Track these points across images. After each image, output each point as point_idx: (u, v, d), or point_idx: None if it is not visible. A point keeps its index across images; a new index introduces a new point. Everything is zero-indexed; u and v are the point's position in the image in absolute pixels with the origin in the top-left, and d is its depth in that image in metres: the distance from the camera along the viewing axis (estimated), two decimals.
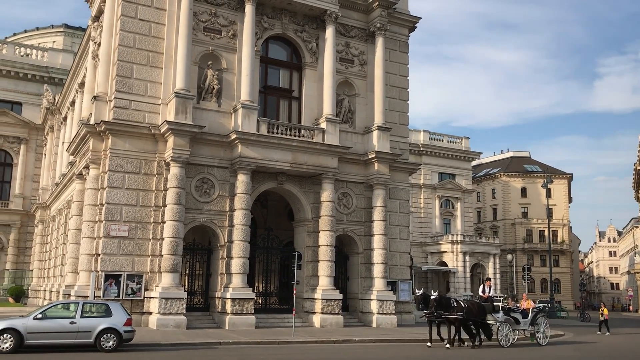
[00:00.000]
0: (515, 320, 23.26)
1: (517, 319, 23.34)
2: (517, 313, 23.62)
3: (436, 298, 21.19)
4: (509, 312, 23.29)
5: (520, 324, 23.52)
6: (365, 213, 30.89)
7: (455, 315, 21.14)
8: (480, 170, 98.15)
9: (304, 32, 30.77)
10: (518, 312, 23.73)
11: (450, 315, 21.15)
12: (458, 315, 21.16)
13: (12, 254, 49.89)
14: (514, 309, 23.84)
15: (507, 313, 23.16)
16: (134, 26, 26.97)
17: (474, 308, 22.02)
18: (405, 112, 33.88)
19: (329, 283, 28.37)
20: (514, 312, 23.60)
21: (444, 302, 21.41)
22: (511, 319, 23.13)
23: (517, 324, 23.41)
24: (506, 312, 23.10)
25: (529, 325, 23.80)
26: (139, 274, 25.28)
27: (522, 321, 23.51)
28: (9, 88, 51.63)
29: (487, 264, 68.67)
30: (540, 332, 23.83)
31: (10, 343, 16.61)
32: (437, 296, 21.37)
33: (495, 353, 20.50)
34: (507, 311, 23.25)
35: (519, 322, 23.41)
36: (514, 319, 23.22)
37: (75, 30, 64.97)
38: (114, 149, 25.73)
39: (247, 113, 27.28)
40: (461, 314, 21.21)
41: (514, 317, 23.30)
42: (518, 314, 23.60)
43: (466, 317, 21.44)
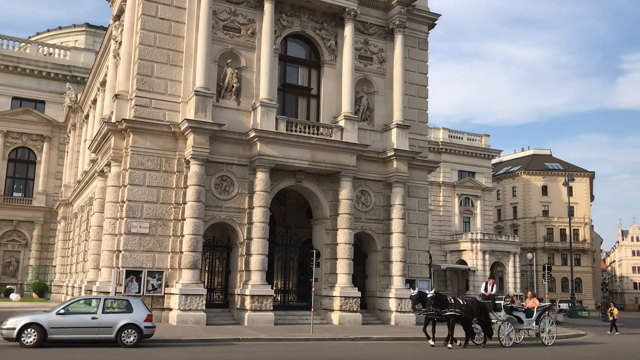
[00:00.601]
0: (518, 320, 22.68)
1: (520, 318, 22.75)
2: (520, 312, 23.01)
3: (433, 296, 20.78)
4: (511, 310, 22.69)
5: (524, 323, 22.92)
6: (384, 211, 30.84)
7: (453, 312, 20.66)
8: (501, 168, 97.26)
9: (322, 30, 30.78)
10: (521, 311, 23.11)
11: (448, 313, 20.65)
12: (456, 313, 20.68)
13: (36, 250, 50.72)
14: (517, 308, 23.21)
15: (510, 312, 22.58)
16: (154, 25, 27.24)
17: (474, 306, 21.49)
18: (424, 109, 33.72)
19: (347, 281, 28.40)
20: (517, 310, 22.99)
21: (441, 300, 20.97)
22: (514, 318, 22.55)
23: (520, 323, 22.82)
24: (508, 311, 22.53)
25: (533, 324, 23.20)
26: (159, 271, 25.56)
27: (525, 320, 22.91)
28: (32, 87, 52.44)
29: (507, 262, 68.11)
30: (545, 332, 23.24)
31: (34, 337, 16.92)
32: (434, 294, 20.98)
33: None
34: (510, 310, 22.66)
35: (522, 321, 22.82)
36: (516, 318, 22.66)
37: (96, 30, 65.73)
38: (134, 147, 26.03)
39: (265, 111, 27.39)
40: (459, 312, 20.75)
41: (517, 316, 22.72)
42: (521, 313, 22.98)
43: (464, 315, 20.96)
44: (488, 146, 74.30)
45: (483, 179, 73.19)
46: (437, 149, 68.75)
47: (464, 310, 20.91)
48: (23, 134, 51.72)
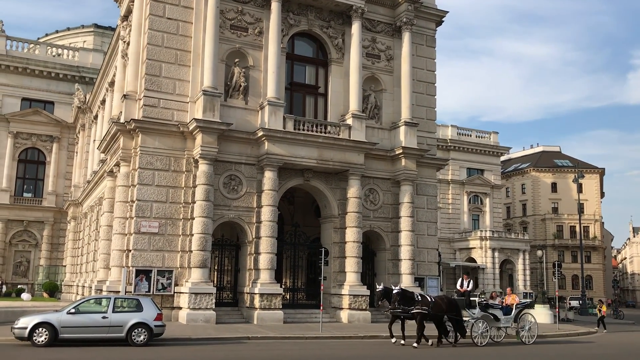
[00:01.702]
0: (494, 317, 21.64)
1: (496, 316, 21.68)
2: (496, 309, 21.91)
3: (399, 292, 20.04)
4: (486, 308, 21.65)
5: (501, 321, 21.77)
6: (392, 209, 30.80)
7: (420, 309, 19.79)
8: (509, 165, 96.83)
9: (329, 28, 30.76)
10: (498, 308, 21.98)
11: (415, 310, 19.81)
12: (422, 310, 19.79)
13: (46, 250, 51.05)
14: (493, 305, 22.07)
15: (485, 309, 21.55)
16: (162, 25, 27.32)
17: (443, 303, 20.54)
18: (432, 107, 33.62)
19: (356, 279, 28.39)
20: (493, 308, 21.91)
21: (407, 297, 20.17)
22: (489, 315, 21.53)
23: (497, 321, 21.71)
24: (484, 308, 21.51)
25: (512, 322, 22.09)
26: (169, 270, 25.66)
27: (502, 318, 21.77)
28: (42, 88, 52.76)
29: (517, 260, 67.83)
30: (525, 330, 22.09)
31: (45, 337, 17.05)
32: (400, 290, 20.25)
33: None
34: (485, 307, 21.63)
35: (499, 319, 21.71)
36: (492, 316, 21.61)
37: (105, 30, 66.06)
38: (143, 147, 26.13)
39: (273, 110, 27.42)
40: (426, 309, 19.85)
41: (493, 314, 21.66)
42: (498, 310, 21.89)
43: (432, 313, 20.03)
44: (497, 143, 73.95)
45: (492, 176, 72.87)
46: (445, 146, 68.51)
47: (432, 308, 19.99)
48: (33, 134, 52.06)
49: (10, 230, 50.30)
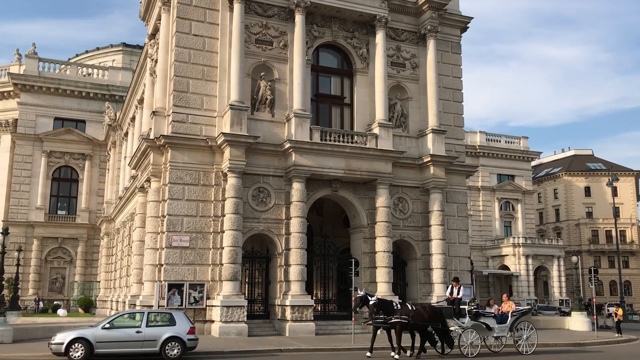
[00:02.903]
0: (487, 327, 20.37)
1: (488, 325, 20.38)
2: (489, 318, 20.61)
3: (375, 302, 19.04)
4: (477, 316, 20.39)
5: (495, 330, 20.49)
6: (422, 218, 30.53)
7: (399, 319, 18.76)
8: (541, 170, 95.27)
9: (354, 38, 30.82)
10: (490, 317, 20.68)
11: (394, 320, 18.78)
12: (402, 319, 18.74)
13: (80, 266, 51.95)
14: (485, 313, 20.78)
15: (476, 318, 20.31)
16: (188, 42, 27.72)
17: (425, 312, 19.36)
18: (460, 113, 33.34)
19: (387, 289, 28.14)
20: (485, 316, 20.62)
21: (385, 306, 19.19)
22: (481, 324, 20.29)
23: (489, 331, 20.47)
24: (474, 317, 20.28)
25: (507, 331, 20.74)
26: (200, 283, 25.83)
27: (496, 327, 20.47)
28: (73, 107, 53.98)
29: (551, 266, 66.55)
30: (522, 340, 20.63)
31: (81, 352, 17.29)
32: (377, 300, 19.29)
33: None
34: (476, 316, 20.36)
35: (491, 328, 20.42)
36: (485, 325, 20.34)
37: (133, 49, 67.37)
38: (173, 162, 26.46)
39: (299, 122, 27.52)
40: (406, 318, 18.76)
41: (485, 323, 20.37)
42: (490, 319, 20.57)
43: (413, 322, 18.93)
44: (527, 148, 72.98)
45: (523, 182, 71.84)
46: (474, 153, 67.85)
47: (413, 317, 18.92)
48: (65, 153, 53.23)
49: (46, 247, 51.37)
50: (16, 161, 51.79)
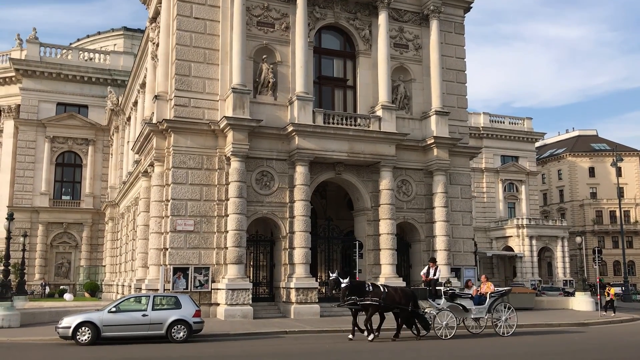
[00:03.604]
0: (463, 308, 19.86)
1: (464, 306, 19.87)
2: (465, 299, 20.09)
3: (348, 284, 18.67)
4: (454, 298, 19.91)
5: (471, 311, 19.92)
6: (426, 200, 30.53)
7: (370, 301, 18.41)
8: (545, 151, 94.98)
9: (356, 19, 30.57)
10: (467, 298, 20.16)
11: (365, 302, 18.44)
12: (373, 301, 18.43)
13: (86, 251, 52.26)
14: (461, 295, 20.31)
15: (452, 299, 19.82)
16: (189, 25, 27.54)
17: (397, 294, 19.02)
18: (463, 95, 33.17)
19: (392, 271, 28.26)
20: (461, 297, 20.10)
21: (358, 288, 18.82)
22: (458, 306, 19.77)
23: (466, 312, 19.92)
24: (451, 298, 19.79)
25: (486, 313, 20.13)
26: (205, 267, 25.96)
27: (474, 308, 19.92)
28: (75, 92, 53.87)
29: (555, 247, 66.69)
30: (501, 321, 20.08)
31: (88, 335, 17.45)
32: (349, 281, 18.89)
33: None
34: (452, 297, 19.88)
35: (467, 309, 19.87)
36: (461, 307, 19.85)
37: (134, 33, 67.02)
38: (176, 146, 26.44)
39: (302, 105, 27.41)
40: (377, 300, 18.44)
41: (461, 304, 19.88)
42: (467, 300, 20.06)
43: (385, 304, 18.62)
44: (531, 129, 72.73)
45: (527, 163, 71.71)
46: (478, 134, 67.65)
47: (384, 299, 18.59)
48: (68, 138, 53.26)
49: (51, 232, 51.65)
50: (19, 147, 51.87)
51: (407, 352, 16.62)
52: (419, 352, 16.51)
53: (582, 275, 37.47)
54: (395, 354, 16.08)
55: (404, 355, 16.13)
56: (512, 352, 16.44)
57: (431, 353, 16.28)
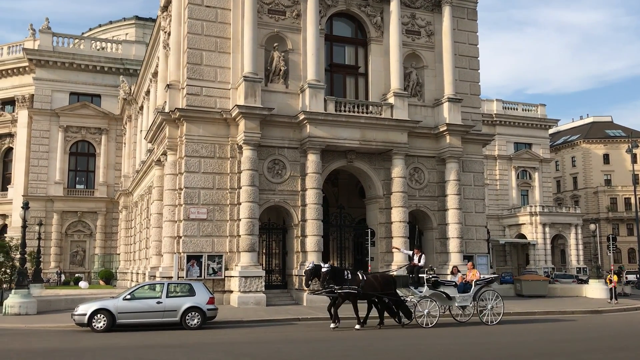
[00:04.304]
0: (447, 296, 19.34)
1: (448, 294, 19.31)
2: (449, 287, 19.55)
3: (328, 270, 18.23)
4: (436, 285, 19.35)
5: (455, 299, 19.35)
6: (438, 187, 30.44)
7: (348, 289, 17.99)
8: (558, 138, 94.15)
9: (367, 6, 30.38)
10: (451, 286, 19.63)
11: (343, 290, 17.99)
12: (351, 290, 18.01)
13: (100, 239, 52.77)
14: (445, 282, 19.85)
15: (435, 287, 19.28)
16: (201, 13, 27.53)
17: (376, 282, 18.67)
18: (476, 81, 32.92)
19: (404, 259, 28.21)
20: (445, 285, 19.57)
21: (337, 275, 18.32)
22: (441, 294, 19.22)
23: (450, 300, 19.43)
24: (433, 286, 19.24)
25: (471, 301, 19.51)
26: (218, 254, 26.14)
27: (458, 296, 19.34)
28: (88, 81, 54.14)
29: (569, 235, 66.27)
30: (487, 309, 19.40)
31: (103, 322, 17.68)
32: (329, 267, 18.47)
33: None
34: (435, 284, 19.32)
35: (451, 297, 19.33)
36: (444, 294, 19.29)
37: (145, 22, 67.03)
38: (188, 135, 26.54)
39: (314, 93, 27.36)
40: (356, 288, 18.08)
41: (444, 292, 19.31)
42: (451, 288, 19.49)
43: (364, 292, 18.26)
44: (544, 116, 72.10)
45: (540, 150, 71.19)
46: (491, 121, 67.19)
47: (364, 287, 18.25)
48: (82, 127, 53.60)
49: (66, 221, 52.17)
50: (34, 136, 52.30)
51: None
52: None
53: (596, 262, 37.27)
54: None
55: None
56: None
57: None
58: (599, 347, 14.75)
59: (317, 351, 14.21)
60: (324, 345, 15.23)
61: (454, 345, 15.25)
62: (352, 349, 14.40)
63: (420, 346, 14.84)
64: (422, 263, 20.27)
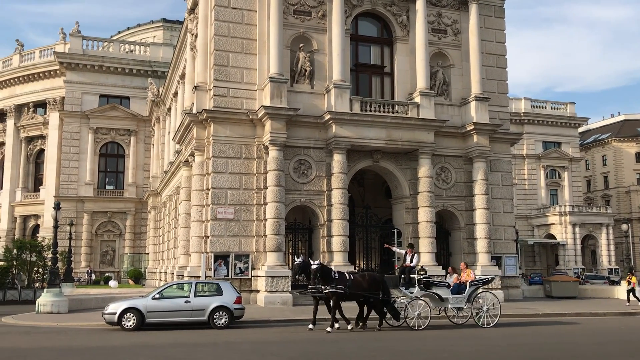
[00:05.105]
0: (439, 297, 18.72)
1: (440, 296, 18.68)
2: (442, 288, 18.83)
3: (318, 267, 17.64)
4: (428, 286, 18.73)
5: (448, 301, 18.68)
6: (466, 187, 30.16)
7: (334, 288, 17.45)
8: (589, 136, 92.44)
9: (393, 5, 30.25)
10: (444, 287, 18.91)
11: (328, 290, 17.48)
12: (337, 289, 17.46)
13: (129, 239, 53.60)
14: (437, 283, 19.15)
15: (427, 287, 18.68)
16: (227, 15, 27.75)
17: (364, 282, 18.07)
18: (503, 80, 32.52)
19: (431, 259, 28.08)
20: (437, 286, 18.88)
21: (325, 274, 17.75)
22: (434, 295, 18.64)
23: (442, 302, 18.79)
24: (425, 287, 18.66)
25: (465, 302, 18.80)
26: (245, 254, 26.32)
27: (451, 297, 18.66)
28: (117, 84, 55.06)
29: (600, 235, 65.10)
30: (483, 311, 18.68)
31: (133, 321, 17.93)
32: (319, 265, 17.84)
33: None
34: (427, 285, 18.71)
35: (443, 299, 18.69)
36: (437, 296, 18.68)
37: (173, 24, 67.88)
38: (215, 136, 26.77)
39: (339, 93, 27.36)
40: (342, 288, 17.51)
41: (436, 293, 18.65)
42: (443, 289, 18.77)
43: (351, 292, 17.71)
44: (574, 114, 70.94)
45: (570, 149, 70.08)
46: (519, 120, 66.41)
47: (350, 287, 17.71)
48: (111, 129, 54.56)
49: (96, 221, 53.13)
50: (64, 138, 53.39)
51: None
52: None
53: (628, 263, 36.52)
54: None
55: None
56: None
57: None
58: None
59: (345, 351, 14.21)
60: (352, 345, 15.22)
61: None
62: (379, 350, 14.35)
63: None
64: (414, 263, 19.70)
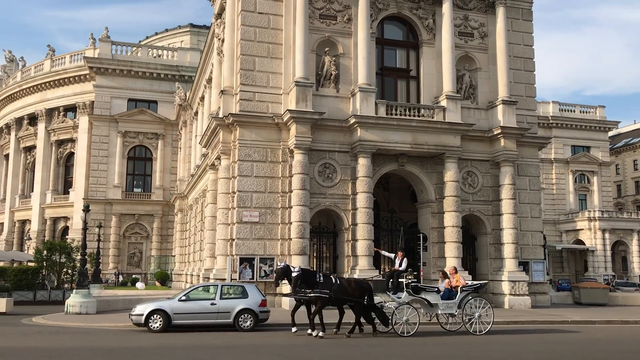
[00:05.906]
0: (428, 303, 18.16)
1: (429, 301, 18.14)
2: (431, 293, 18.33)
3: (299, 274, 17.29)
4: (417, 291, 18.24)
5: (438, 306, 18.14)
6: (492, 192, 29.84)
7: (318, 293, 17.03)
8: (619, 140, 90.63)
9: (419, 9, 30.14)
10: (433, 292, 18.38)
11: (312, 294, 17.09)
12: (322, 294, 17.05)
13: (156, 242, 54.28)
14: (426, 288, 18.74)
15: (416, 292, 18.19)
16: (253, 20, 27.97)
17: (350, 287, 17.70)
18: (531, 83, 32.12)
19: (457, 264, 27.77)
20: (426, 291, 18.41)
21: (307, 278, 17.42)
22: (423, 300, 18.13)
23: (431, 307, 18.25)
24: (414, 292, 18.16)
25: (456, 308, 18.21)
26: (270, 257, 26.42)
27: (441, 303, 18.10)
28: (145, 88, 55.89)
29: (631, 241, 63.70)
30: (475, 317, 18.12)
31: (160, 323, 18.14)
32: (300, 271, 17.48)
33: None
34: (416, 290, 18.23)
35: (432, 304, 18.14)
36: (426, 301, 18.15)
37: (200, 29, 68.66)
38: (241, 140, 26.98)
39: (364, 96, 27.34)
40: (327, 293, 17.09)
41: (425, 299, 18.14)
42: (433, 295, 18.26)
43: (336, 297, 17.31)
44: (604, 118, 69.67)
45: (599, 153, 68.79)
46: (547, 124, 65.46)
47: (336, 291, 17.25)
48: (139, 133, 55.39)
49: (124, 223, 53.92)
50: (94, 142, 54.36)
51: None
52: (384, 349, 15.10)
53: None
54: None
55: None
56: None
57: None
58: None
59: (369, 355, 14.16)
60: (376, 350, 15.17)
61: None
62: (413, 354, 14.27)
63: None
64: (403, 267, 19.07)
